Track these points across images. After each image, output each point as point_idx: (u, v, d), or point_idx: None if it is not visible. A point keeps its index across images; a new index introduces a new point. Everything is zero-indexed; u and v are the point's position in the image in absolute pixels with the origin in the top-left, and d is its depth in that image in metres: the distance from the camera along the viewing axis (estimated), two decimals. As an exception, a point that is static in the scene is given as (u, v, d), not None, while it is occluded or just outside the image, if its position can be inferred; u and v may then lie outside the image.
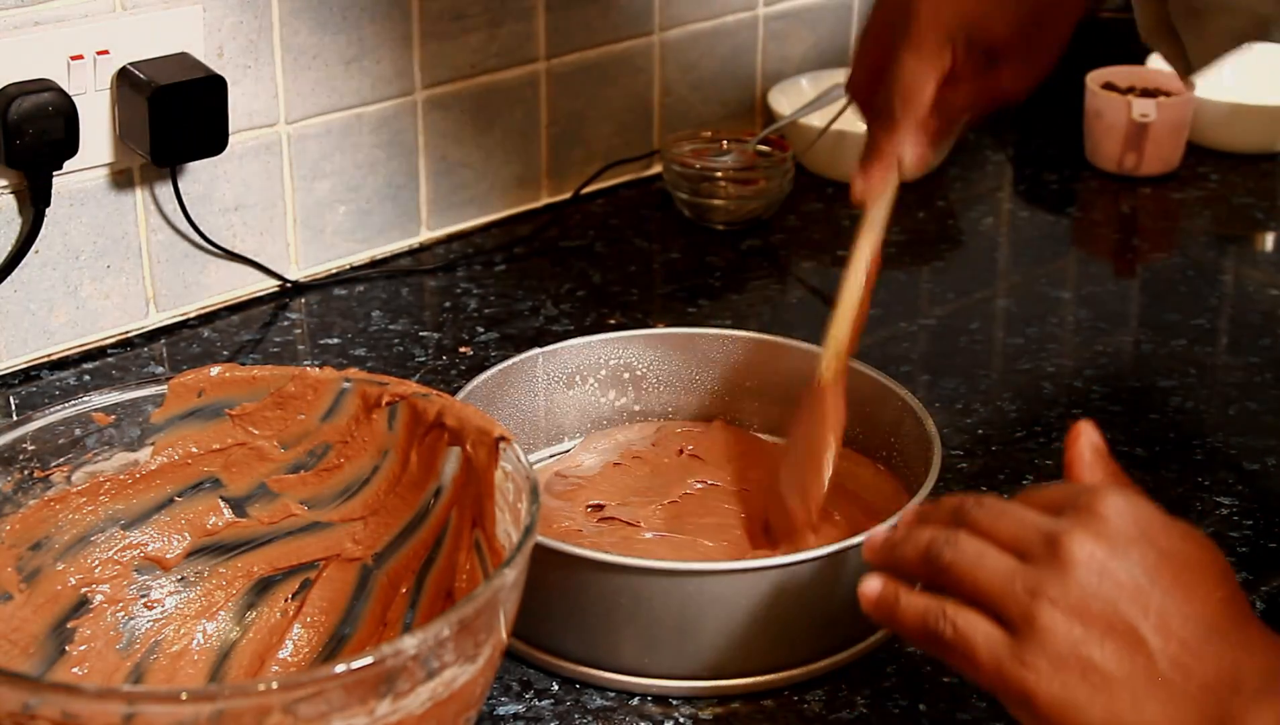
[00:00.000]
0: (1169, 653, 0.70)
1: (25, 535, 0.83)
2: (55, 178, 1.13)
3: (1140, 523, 0.73)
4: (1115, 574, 0.71)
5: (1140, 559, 0.72)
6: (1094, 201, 1.50)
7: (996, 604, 0.72)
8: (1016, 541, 0.73)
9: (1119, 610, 0.71)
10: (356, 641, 0.86)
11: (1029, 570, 0.72)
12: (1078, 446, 0.79)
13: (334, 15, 1.25)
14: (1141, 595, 0.71)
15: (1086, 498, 0.74)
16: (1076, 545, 0.71)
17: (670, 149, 1.42)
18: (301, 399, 0.87)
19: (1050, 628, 0.71)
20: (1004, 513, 0.74)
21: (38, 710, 0.66)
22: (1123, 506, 0.73)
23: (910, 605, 0.74)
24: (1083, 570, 0.71)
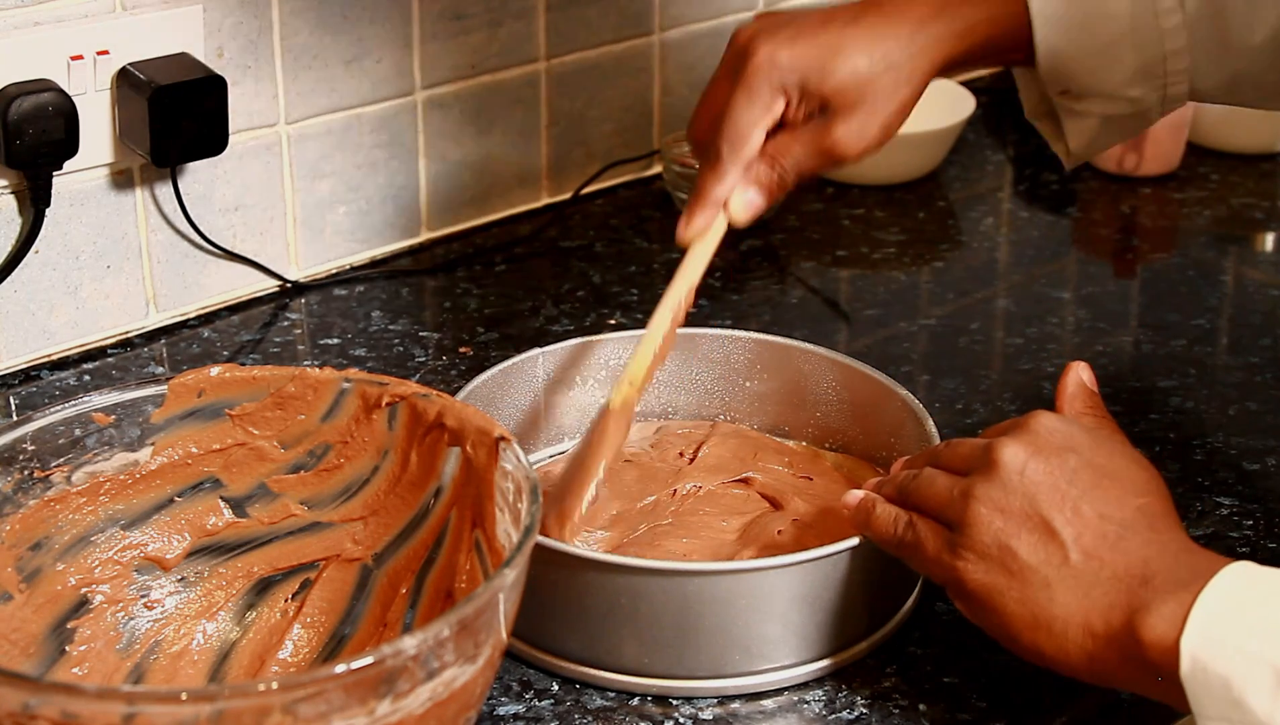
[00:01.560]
0: (1082, 544, 0.78)
1: (25, 535, 0.83)
2: (55, 178, 1.13)
3: (1068, 438, 0.82)
4: (1035, 474, 0.80)
5: (1061, 464, 0.80)
6: (1094, 201, 1.50)
7: (943, 511, 0.83)
8: (964, 462, 0.84)
9: (1036, 505, 0.79)
10: (356, 642, 0.86)
11: (966, 479, 0.82)
12: (1065, 379, 0.89)
13: (334, 15, 1.25)
14: (1058, 493, 0.80)
15: (1025, 419, 0.84)
16: (1003, 451, 0.81)
17: (670, 149, 1.42)
18: (301, 399, 0.87)
19: (975, 522, 0.81)
20: (961, 443, 0.86)
21: (38, 710, 0.66)
22: (1054, 423, 0.83)
23: (883, 512, 0.86)
24: (1006, 471, 0.81)
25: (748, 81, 0.96)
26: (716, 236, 0.98)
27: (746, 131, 0.96)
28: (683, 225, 0.98)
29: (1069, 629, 0.78)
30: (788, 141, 0.97)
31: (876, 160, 1.03)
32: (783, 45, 0.95)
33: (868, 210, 1.44)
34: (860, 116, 0.96)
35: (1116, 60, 0.99)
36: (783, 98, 0.96)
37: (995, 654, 0.90)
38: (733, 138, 0.96)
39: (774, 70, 0.95)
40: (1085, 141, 1.04)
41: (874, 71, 0.95)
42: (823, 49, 0.95)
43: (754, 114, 0.96)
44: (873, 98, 0.95)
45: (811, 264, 1.36)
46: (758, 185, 0.97)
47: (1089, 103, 1.01)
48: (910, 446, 0.99)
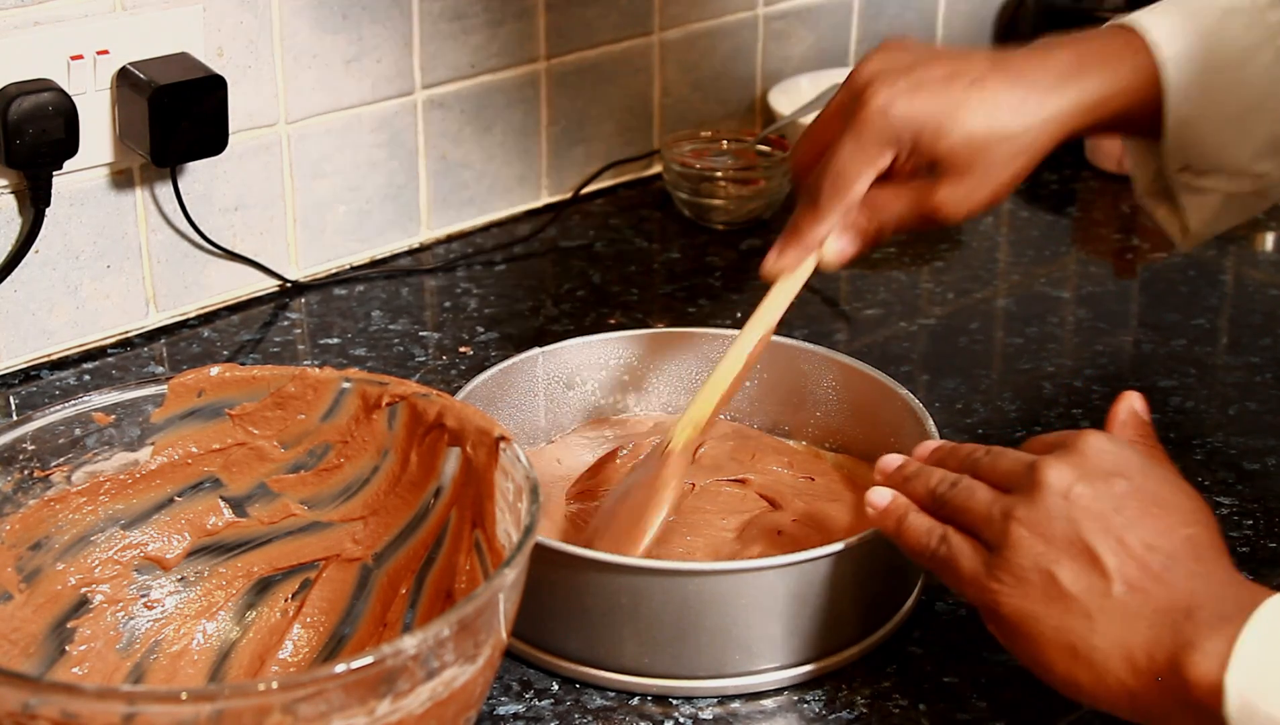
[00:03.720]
0: (1126, 575, 0.75)
1: (25, 535, 0.83)
2: (55, 178, 1.13)
3: (1118, 460, 0.78)
4: (1080, 499, 0.77)
5: (1108, 489, 0.77)
6: (1094, 201, 1.50)
7: (981, 528, 0.79)
8: (1006, 477, 0.80)
9: (1080, 532, 0.76)
10: (356, 641, 0.86)
11: (1007, 497, 0.79)
12: (1117, 407, 0.85)
13: (334, 15, 1.25)
14: (1104, 520, 0.76)
15: (1074, 437, 0.80)
16: (1048, 471, 0.78)
17: (670, 149, 1.42)
18: (301, 399, 0.87)
19: (1016, 544, 0.77)
20: (1003, 455, 0.82)
21: (38, 710, 0.66)
22: (1104, 445, 0.79)
23: (915, 523, 0.82)
24: (1050, 493, 0.77)
25: (859, 128, 0.92)
26: (802, 278, 0.95)
27: (852, 180, 0.92)
28: (771, 258, 0.95)
29: (1109, 662, 0.74)
30: (892, 195, 0.93)
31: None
32: (901, 95, 0.91)
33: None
34: (969, 182, 0.92)
35: (1247, 132, 0.95)
36: (893, 149, 0.92)
37: (995, 654, 0.90)
38: (837, 183, 0.92)
39: (888, 121, 0.91)
40: (1205, 221, 0.99)
41: (991, 137, 0.91)
42: (942, 106, 0.91)
43: (861, 162, 0.92)
44: (985, 165, 0.91)
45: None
46: (854, 232, 0.94)
47: (1212, 179, 0.97)
48: (910, 446, 0.98)
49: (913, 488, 0.84)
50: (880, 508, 0.84)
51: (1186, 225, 1.00)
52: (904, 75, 0.92)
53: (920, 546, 0.82)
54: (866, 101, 0.92)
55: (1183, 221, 1.00)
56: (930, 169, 0.92)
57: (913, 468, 0.85)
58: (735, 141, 1.45)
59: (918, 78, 0.92)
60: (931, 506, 0.83)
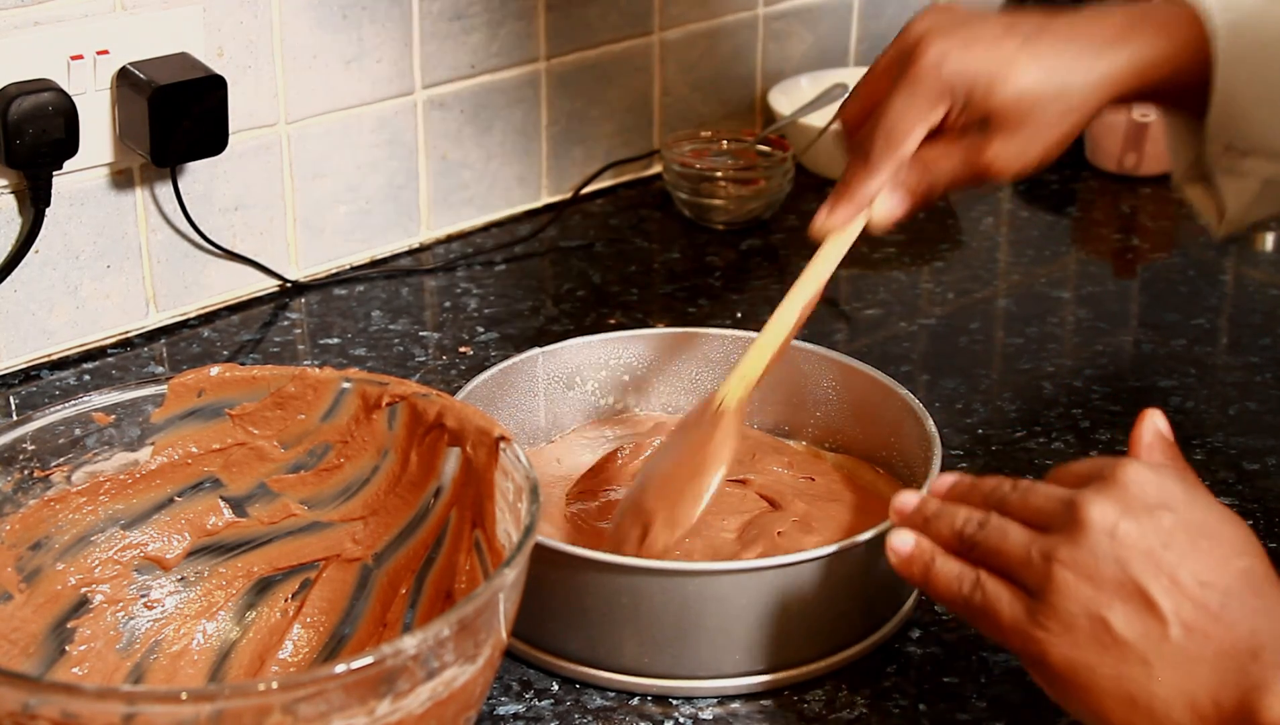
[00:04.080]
0: (1183, 617, 0.70)
1: (25, 535, 0.83)
2: (55, 178, 1.13)
3: (1161, 491, 0.74)
4: (1127, 537, 0.72)
5: (1154, 524, 0.72)
6: (1094, 201, 1.50)
7: (1018, 572, 0.74)
8: (1040, 514, 0.75)
9: (1130, 572, 0.71)
10: (356, 641, 0.86)
11: (1046, 538, 0.74)
12: (1140, 428, 0.80)
13: (334, 15, 1.25)
14: (1154, 558, 0.71)
15: (1110, 468, 0.75)
16: (1090, 508, 0.73)
17: (670, 149, 1.42)
18: (301, 399, 0.87)
19: (1062, 589, 0.72)
20: (1032, 489, 0.77)
21: (38, 710, 0.66)
22: (1144, 475, 0.74)
23: (944, 569, 0.77)
24: (1094, 532, 0.72)
25: (912, 81, 0.91)
26: (851, 236, 0.95)
27: (905, 133, 0.92)
28: (822, 215, 0.95)
29: (1172, 711, 0.70)
30: (943, 151, 0.92)
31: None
32: (954, 49, 0.90)
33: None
34: (1021, 138, 0.91)
35: None
36: (946, 103, 0.91)
37: (995, 654, 0.90)
38: (890, 138, 0.92)
39: (941, 74, 0.90)
40: (1242, 206, 0.98)
41: (1044, 94, 0.90)
42: (995, 62, 0.90)
43: (914, 117, 0.91)
44: (1037, 121, 0.91)
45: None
46: (904, 191, 0.93)
47: (1253, 162, 0.95)
48: (910, 446, 0.99)
49: (936, 529, 0.79)
50: (904, 554, 0.79)
51: (1223, 209, 0.99)
52: (957, 31, 0.91)
53: (952, 594, 0.76)
54: (919, 56, 0.91)
55: (1219, 205, 0.99)
56: (982, 125, 0.91)
57: (933, 507, 0.80)
58: (735, 141, 1.45)
59: (971, 34, 0.91)
60: (960, 549, 0.77)
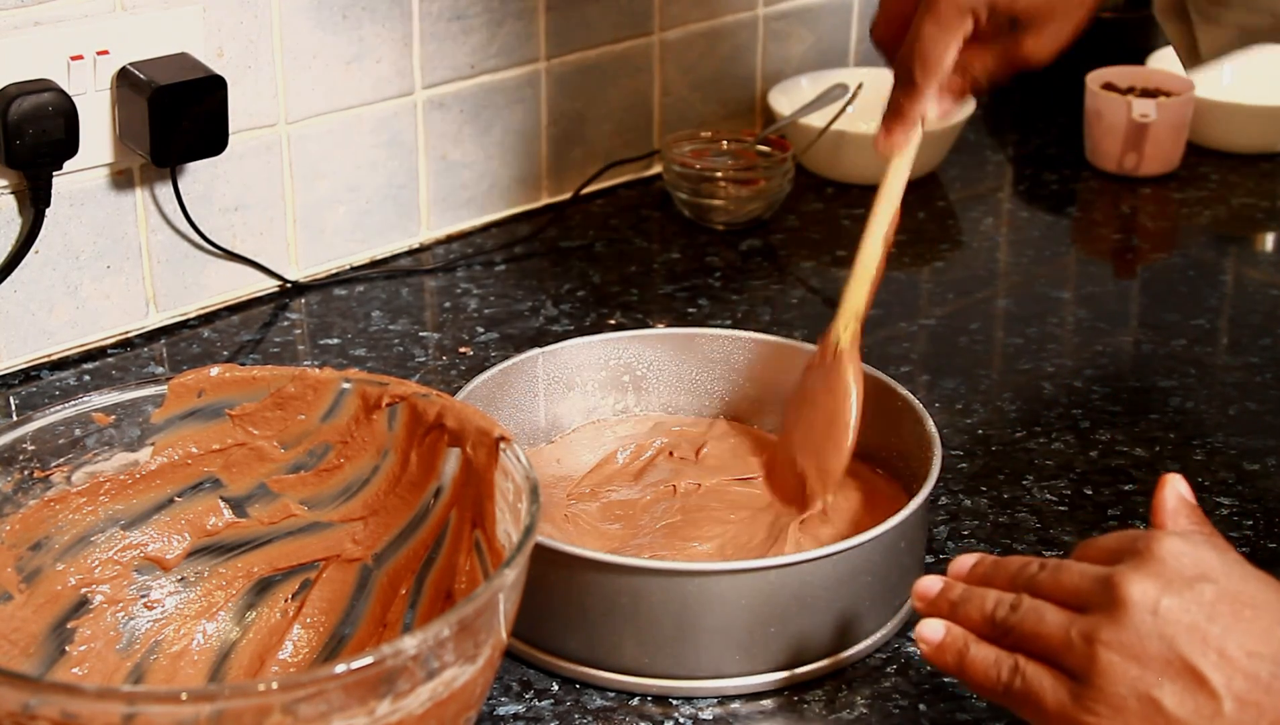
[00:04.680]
0: (1235, 690, 0.69)
1: (25, 535, 0.83)
2: (55, 178, 1.13)
3: (1199, 563, 0.72)
4: (1170, 613, 0.70)
5: (1196, 597, 0.71)
6: (1094, 201, 1.50)
7: (1059, 655, 0.72)
8: (1076, 594, 0.73)
9: (1176, 648, 0.70)
10: (356, 642, 0.86)
11: (1086, 618, 0.72)
12: (1162, 494, 0.79)
13: (334, 15, 1.25)
14: (1200, 633, 0.70)
15: (1144, 542, 0.73)
16: (1130, 586, 0.71)
17: (670, 149, 1.42)
18: (301, 399, 0.87)
19: (1108, 671, 0.70)
20: (1063, 568, 0.75)
21: (38, 710, 0.66)
22: (1180, 547, 0.72)
23: (980, 656, 0.75)
24: (1136, 611, 0.70)
25: (936, 9, 0.96)
26: (912, 154, 1.00)
27: (940, 56, 0.96)
28: (882, 137, 1.00)
29: None
30: (979, 52, 0.97)
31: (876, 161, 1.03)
32: None
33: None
34: (1050, 29, 0.96)
35: None
36: (969, 17, 0.96)
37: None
38: (926, 63, 0.97)
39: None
40: (1216, 49, 1.02)
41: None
42: None
43: (945, 40, 0.96)
44: (1062, 8, 0.95)
45: (811, 264, 1.36)
46: (949, 93, 0.98)
47: (1232, 13, 1.00)
48: (910, 446, 0.98)
49: (965, 614, 0.77)
50: (935, 643, 0.76)
51: (1196, 49, 1.02)
52: None
53: (990, 682, 0.74)
54: None
55: (1193, 44, 1.02)
56: (1011, 25, 0.96)
57: (958, 591, 0.78)
58: (735, 141, 1.45)
59: None
60: (992, 634, 0.75)
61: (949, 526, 1.01)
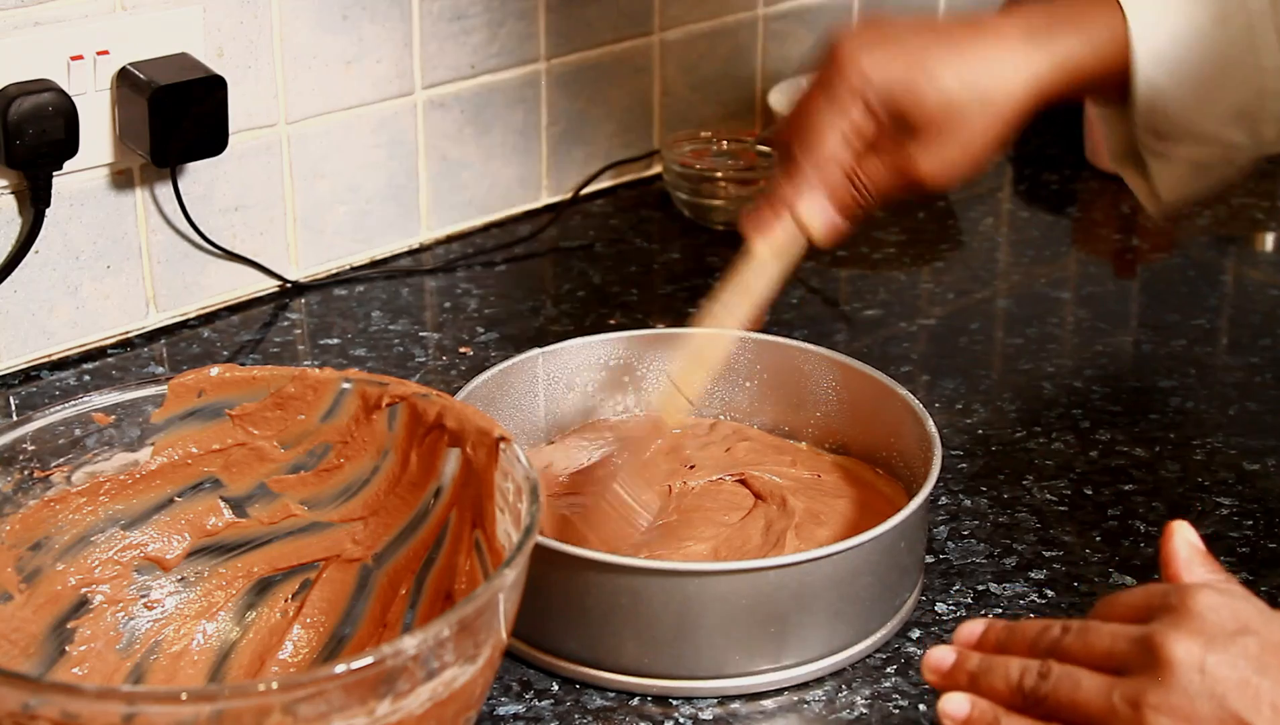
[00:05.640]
0: None
1: (25, 535, 0.83)
2: (55, 178, 1.13)
3: (1238, 615, 0.70)
4: (1218, 670, 0.68)
5: (1243, 651, 0.68)
6: (1094, 201, 1.50)
7: (1103, 723, 0.69)
8: (1110, 657, 0.71)
9: (1228, 706, 0.67)
10: (356, 642, 0.86)
11: (1128, 682, 0.69)
12: (1172, 544, 0.76)
13: (334, 15, 1.25)
14: (1250, 688, 0.68)
15: (1177, 597, 0.71)
16: (1172, 646, 0.69)
17: (670, 149, 1.42)
18: (301, 399, 0.87)
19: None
20: (1090, 630, 0.72)
21: (38, 710, 0.66)
22: (1216, 601, 0.70)
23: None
24: (1183, 671, 0.68)
25: (828, 84, 0.91)
26: (788, 254, 0.94)
27: (821, 133, 0.91)
28: (749, 220, 0.94)
29: None
30: (874, 163, 0.92)
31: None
32: (869, 52, 0.91)
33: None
34: (944, 143, 0.91)
35: (1215, 99, 0.94)
36: (862, 105, 0.91)
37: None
38: (807, 138, 0.92)
39: (857, 77, 0.91)
40: (1173, 187, 0.99)
41: (965, 96, 0.90)
42: (911, 65, 0.90)
43: (830, 116, 0.91)
44: (959, 125, 0.91)
45: (811, 264, 1.36)
46: (838, 204, 0.93)
47: (1180, 146, 0.96)
48: (910, 446, 0.98)
49: (989, 684, 0.73)
50: (961, 719, 0.73)
51: (1156, 192, 0.99)
52: (875, 32, 0.92)
53: None
54: (836, 59, 0.91)
55: (1152, 188, 0.99)
56: (908, 131, 0.91)
57: (975, 661, 0.74)
58: (735, 141, 1.45)
59: (889, 35, 0.92)
60: (1022, 705, 0.72)
61: (949, 526, 1.01)
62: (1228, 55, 0.94)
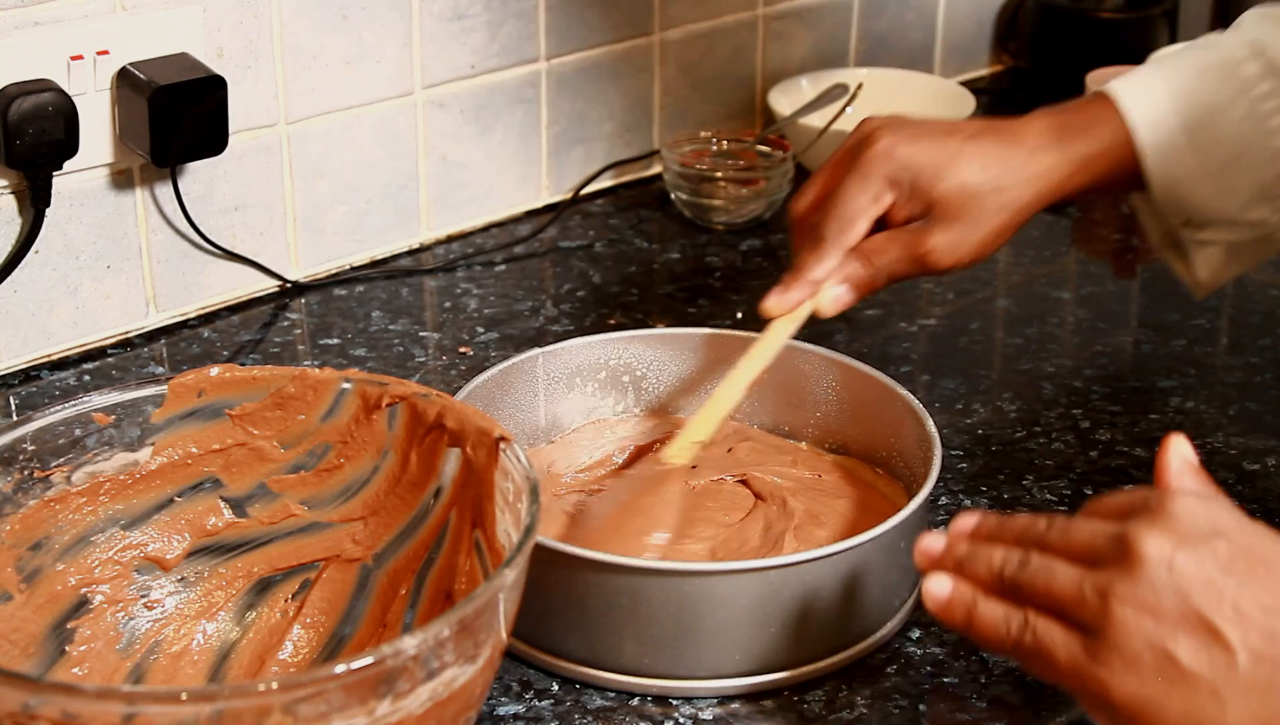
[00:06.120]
0: (1250, 645, 0.69)
1: (25, 535, 0.83)
2: (55, 178, 1.13)
3: (1213, 519, 0.72)
4: (1185, 567, 0.70)
5: (1212, 553, 0.71)
6: (1094, 201, 1.50)
7: (1071, 610, 0.72)
8: (1087, 550, 0.73)
9: (1191, 603, 0.69)
10: (356, 642, 0.86)
11: (1099, 574, 0.72)
12: (1167, 456, 0.78)
13: (334, 15, 1.25)
14: (1214, 587, 0.70)
15: (1156, 499, 0.73)
16: (1144, 542, 0.71)
17: (670, 149, 1.42)
18: (301, 399, 0.87)
19: (1122, 625, 0.70)
20: (1072, 526, 0.75)
21: (38, 710, 0.66)
22: (1194, 506, 0.72)
23: (989, 612, 0.75)
24: (1151, 566, 0.70)
25: (863, 168, 0.98)
26: (800, 319, 1.00)
27: (854, 217, 0.98)
28: (774, 298, 0.99)
29: None
30: (885, 241, 0.98)
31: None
32: (903, 141, 0.98)
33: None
34: (959, 229, 0.98)
35: (1232, 184, 0.99)
36: (892, 191, 0.98)
37: (995, 654, 0.90)
38: (839, 221, 0.98)
39: (890, 162, 0.97)
40: (1213, 270, 1.03)
41: (982, 188, 0.97)
42: (940, 154, 0.97)
43: (864, 201, 0.98)
44: (975, 213, 0.97)
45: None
46: (849, 281, 0.99)
47: (1212, 231, 1.01)
48: (910, 446, 0.99)
49: (972, 571, 0.77)
50: (942, 599, 0.76)
51: (1196, 277, 1.04)
52: (905, 128, 0.99)
53: (999, 637, 0.74)
54: (871, 143, 0.98)
55: (1193, 273, 1.04)
56: (924, 215, 0.98)
57: (963, 548, 0.78)
58: (735, 141, 1.45)
59: (920, 129, 0.99)
60: (1000, 590, 0.75)
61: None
62: (1236, 141, 0.99)
